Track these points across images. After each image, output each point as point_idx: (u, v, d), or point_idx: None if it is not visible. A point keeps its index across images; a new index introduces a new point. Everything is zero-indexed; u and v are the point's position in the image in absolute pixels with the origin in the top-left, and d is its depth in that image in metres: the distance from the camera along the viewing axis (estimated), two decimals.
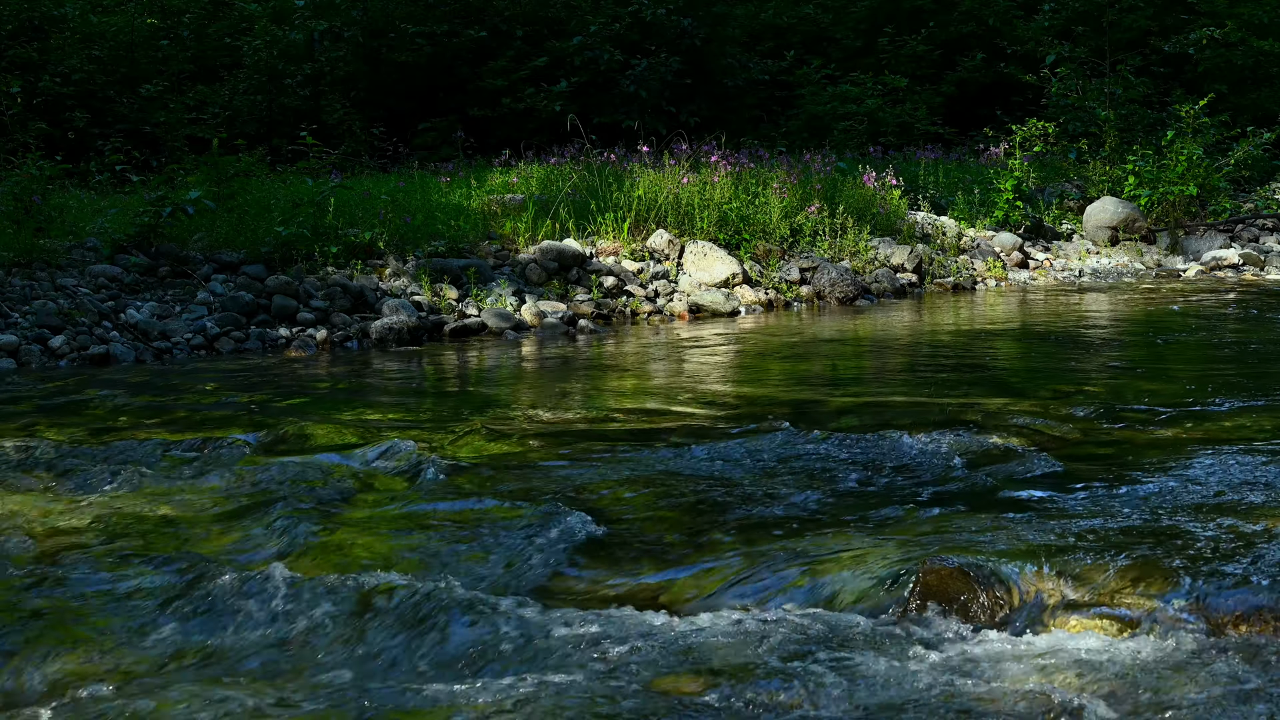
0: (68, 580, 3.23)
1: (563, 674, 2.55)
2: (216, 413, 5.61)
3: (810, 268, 11.03)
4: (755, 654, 2.62)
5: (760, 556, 3.20)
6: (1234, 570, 2.84)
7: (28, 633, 2.87)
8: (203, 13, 20.04)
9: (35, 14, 16.82)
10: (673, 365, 7.47)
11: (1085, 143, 16.31)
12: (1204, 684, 2.40)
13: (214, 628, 2.89)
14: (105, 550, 3.47)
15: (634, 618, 2.84)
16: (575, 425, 5.13)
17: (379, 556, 3.38)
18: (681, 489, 3.94)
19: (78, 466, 4.43)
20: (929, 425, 4.79)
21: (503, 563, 3.30)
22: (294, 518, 3.74)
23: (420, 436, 4.84)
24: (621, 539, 3.45)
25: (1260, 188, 16.02)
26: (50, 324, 7.78)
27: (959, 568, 2.90)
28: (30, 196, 8.88)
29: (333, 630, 2.83)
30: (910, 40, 21.17)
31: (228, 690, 2.52)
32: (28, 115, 14.68)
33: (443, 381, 7.15)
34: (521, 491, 3.99)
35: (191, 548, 3.50)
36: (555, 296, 9.65)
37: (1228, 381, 5.92)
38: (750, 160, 12.89)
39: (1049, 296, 11.07)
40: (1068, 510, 3.50)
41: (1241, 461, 3.99)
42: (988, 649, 2.62)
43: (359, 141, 17.08)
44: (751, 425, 4.87)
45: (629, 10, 18.12)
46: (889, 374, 6.81)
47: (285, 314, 8.55)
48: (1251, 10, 20.20)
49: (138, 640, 2.85)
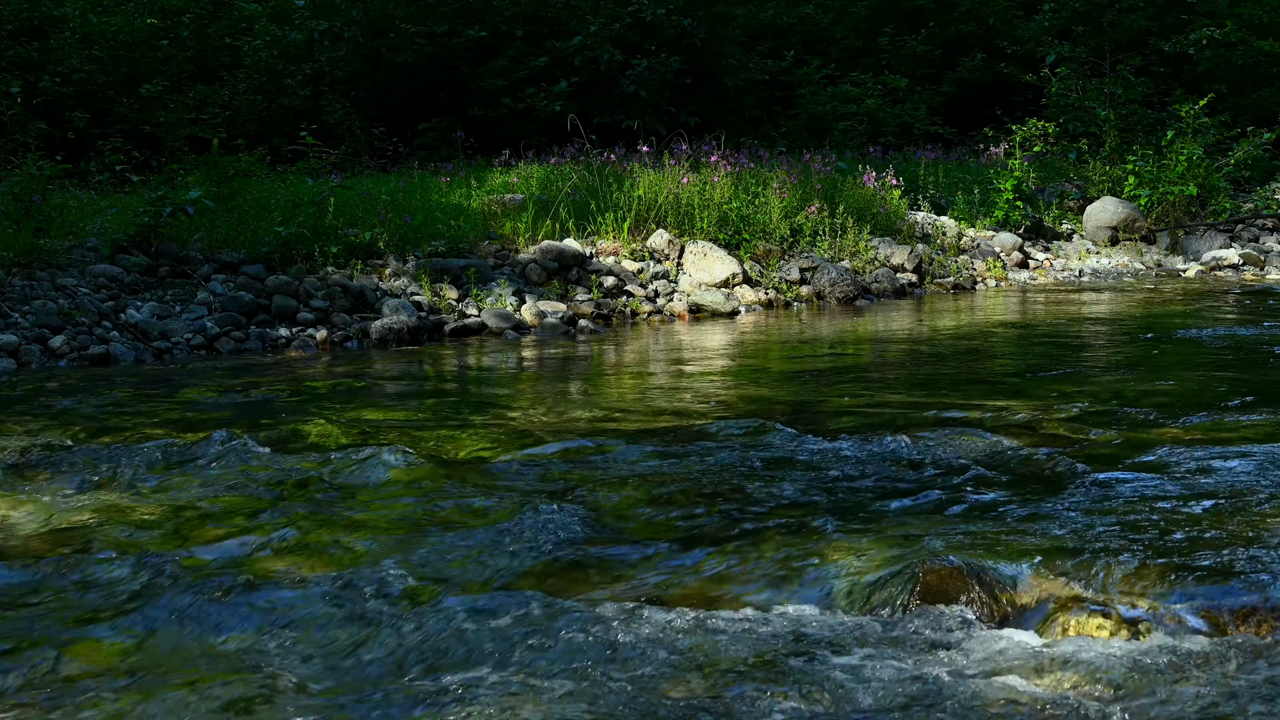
0: (66, 579, 3.23)
1: (563, 673, 2.55)
2: (216, 413, 5.60)
3: (810, 268, 11.03)
4: (754, 653, 2.62)
5: (759, 556, 3.20)
6: (1236, 570, 2.83)
7: (28, 630, 2.87)
8: (203, 13, 20.03)
9: (35, 14, 16.81)
10: (672, 365, 7.46)
11: (1085, 143, 16.32)
12: (1206, 684, 2.39)
13: (204, 626, 2.89)
14: (103, 549, 3.46)
15: (634, 617, 2.84)
16: (575, 425, 5.13)
17: (377, 556, 3.38)
18: (681, 489, 3.94)
19: (77, 466, 4.43)
20: (929, 425, 4.79)
21: (502, 562, 3.30)
22: (292, 516, 3.74)
23: (420, 436, 4.84)
24: (621, 538, 3.45)
25: (1260, 188, 16.03)
26: (50, 324, 7.78)
27: (959, 567, 2.90)
28: (30, 196, 8.87)
29: (327, 630, 2.83)
30: (910, 40, 21.18)
31: (206, 685, 2.52)
32: (28, 115, 14.68)
33: (443, 381, 7.15)
34: (521, 491, 3.99)
35: (191, 547, 3.50)
36: (555, 296, 9.65)
37: (1228, 382, 5.91)
38: (750, 160, 12.89)
39: (1049, 297, 11.07)
40: (1068, 510, 3.50)
41: (1243, 462, 3.99)
42: (988, 649, 2.61)
43: (359, 141, 17.08)
44: (751, 425, 4.87)
45: (629, 10, 18.12)
46: (889, 374, 6.81)
47: (285, 314, 8.55)
48: (1251, 10, 20.22)
49: (133, 637, 2.85)
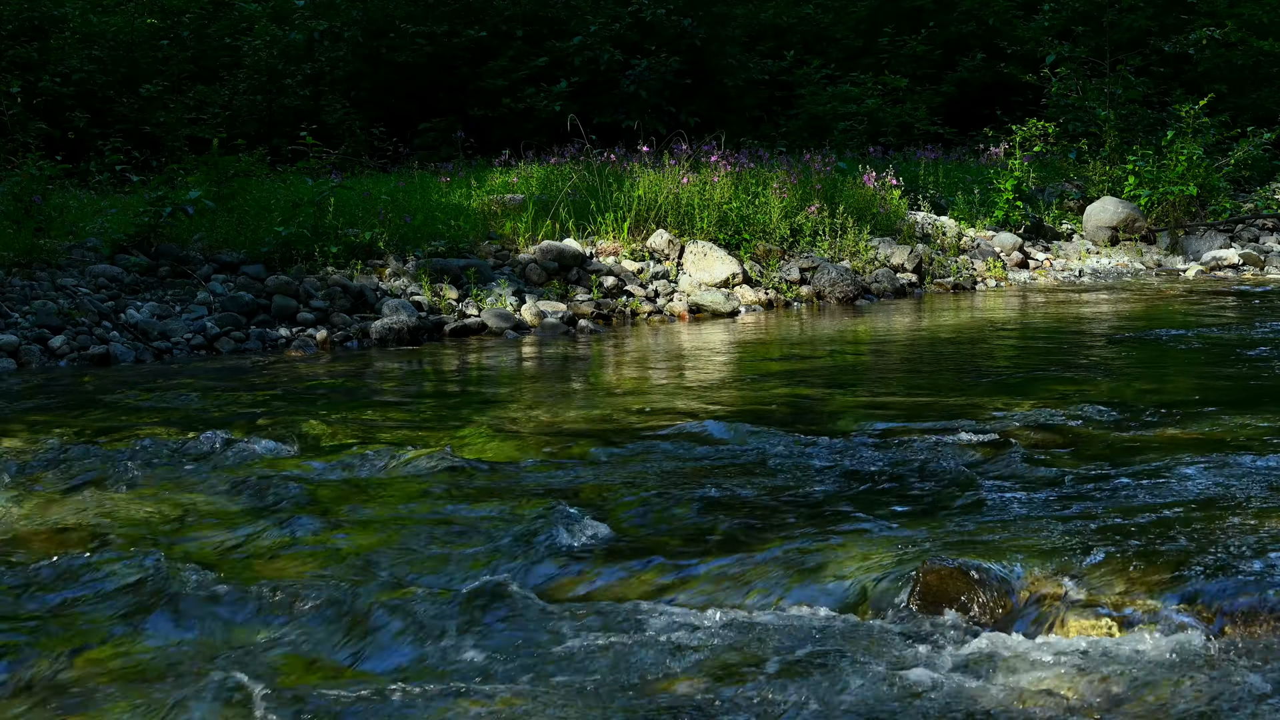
0: (64, 578, 3.23)
1: (564, 673, 2.55)
2: (215, 413, 5.61)
3: (810, 268, 11.03)
4: (754, 653, 2.62)
5: (760, 556, 3.20)
6: (1235, 570, 2.83)
7: (27, 629, 2.87)
8: (203, 13, 20.02)
9: (35, 14, 16.81)
10: (672, 365, 7.47)
11: (1085, 143, 16.31)
12: (1205, 684, 2.39)
13: (199, 628, 2.89)
14: (102, 549, 3.46)
15: (634, 616, 2.84)
16: (575, 425, 5.13)
17: (376, 556, 3.38)
18: (681, 489, 3.94)
19: (77, 466, 4.43)
20: (929, 425, 4.79)
21: (503, 562, 3.30)
22: (291, 516, 3.74)
23: (420, 436, 4.84)
24: (621, 538, 3.45)
25: (1260, 188, 16.02)
26: (50, 324, 7.78)
27: (959, 567, 2.90)
28: (30, 196, 8.87)
29: (325, 631, 2.83)
30: (910, 40, 21.18)
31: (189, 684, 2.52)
32: (28, 115, 14.68)
33: (443, 381, 7.15)
34: (521, 491, 3.99)
35: (189, 545, 3.50)
36: (555, 296, 9.65)
37: (1228, 382, 5.91)
38: (750, 160, 12.88)
39: (1049, 297, 11.07)
40: (1068, 510, 3.50)
41: (1242, 461, 3.98)
42: (988, 648, 2.61)
43: (359, 141, 17.08)
44: (751, 425, 4.87)
45: (629, 10, 18.12)
46: (889, 374, 6.81)
47: (285, 314, 8.55)
48: (1251, 10, 20.22)
49: (133, 637, 2.85)
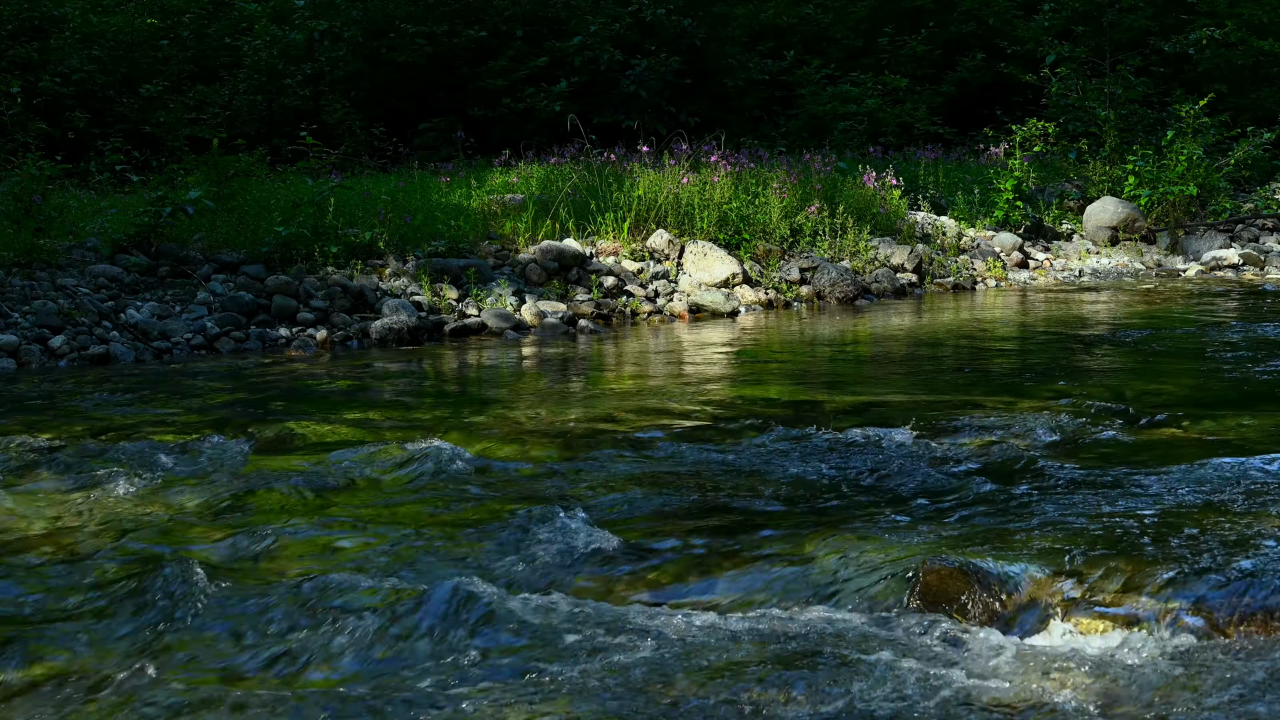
0: (64, 577, 3.23)
1: (565, 673, 2.55)
2: (215, 413, 5.60)
3: (810, 268, 11.03)
4: (755, 653, 2.62)
5: (760, 556, 3.20)
6: (1235, 570, 2.83)
7: (28, 630, 2.87)
8: (203, 13, 20.02)
9: (35, 14, 16.80)
10: (672, 365, 7.47)
11: (1085, 143, 16.31)
12: (1205, 684, 2.39)
13: (195, 627, 2.89)
14: (102, 548, 3.47)
15: (634, 617, 2.84)
16: (575, 425, 5.13)
17: (376, 556, 3.38)
18: (682, 489, 3.94)
19: (77, 466, 4.43)
20: (929, 425, 4.79)
21: (504, 562, 3.30)
22: (291, 516, 3.74)
23: (420, 437, 4.84)
24: (621, 538, 3.45)
25: (1260, 188, 16.01)
26: (50, 324, 7.78)
27: (959, 567, 2.90)
28: (30, 196, 8.87)
29: (324, 631, 2.83)
30: (910, 40, 21.17)
31: (182, 684, 2.52)
32: (28, 115, 14.67)
33: (443, 381, 7.15)
34: (521, 491, 3.99)
35: (188, 545, 3.50)
36: (555, 296, 9.65)
37: (1228, 382, 5.92)
38: (750, 160, 12.88)
39: (1049, 297, 11.07)
40: (1068, 510, 3.50)
41: (1242, 462, 3.98)
42: (988, 648, 2.61)
43: (359, 141, 17.07)
44: (751, 425, 4.87)
45: (629, 10, 18.11)
46: (889, 374, 6.82)
47: (285, 314, 8.55)
48: (1251, 10, 20.21)
49: (119, 638, 2.85)
